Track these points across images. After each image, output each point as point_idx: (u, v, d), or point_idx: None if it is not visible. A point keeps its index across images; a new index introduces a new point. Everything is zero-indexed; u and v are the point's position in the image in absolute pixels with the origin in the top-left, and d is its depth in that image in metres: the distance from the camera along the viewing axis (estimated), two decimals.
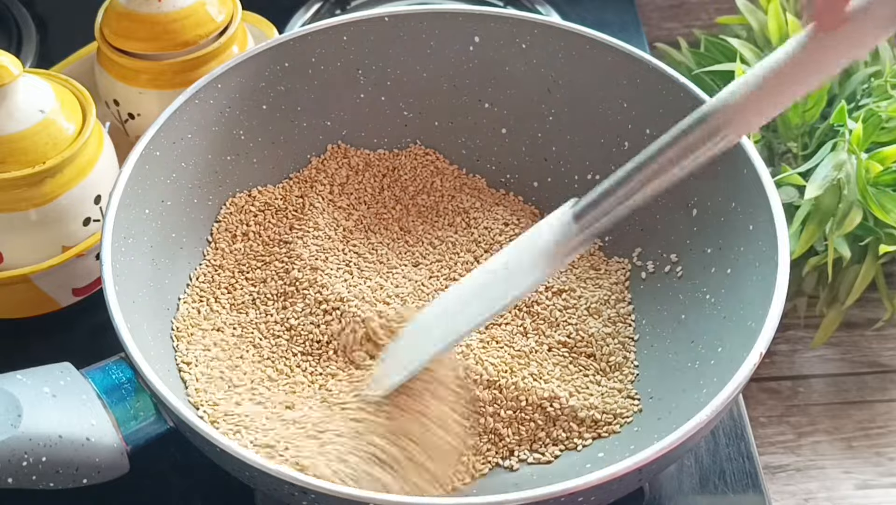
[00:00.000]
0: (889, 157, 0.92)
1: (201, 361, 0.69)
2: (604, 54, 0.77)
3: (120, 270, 0.66)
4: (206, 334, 0.71)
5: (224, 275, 0.75)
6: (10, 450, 0.59)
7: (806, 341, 1.14)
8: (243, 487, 0.63)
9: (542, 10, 1.01)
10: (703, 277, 0.72)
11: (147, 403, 0.64)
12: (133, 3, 0.79)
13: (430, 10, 0.79)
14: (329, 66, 0.79)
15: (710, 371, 0.66)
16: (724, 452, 0.72)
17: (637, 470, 0.57)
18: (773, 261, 0.65)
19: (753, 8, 1.06)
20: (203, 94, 0.74)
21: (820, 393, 1.12)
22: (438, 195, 0.81)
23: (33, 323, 0.76)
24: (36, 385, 0.62)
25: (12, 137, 0.71)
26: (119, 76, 0.81)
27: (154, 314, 0.69)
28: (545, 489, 0.56)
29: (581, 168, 0.79)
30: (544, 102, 0.80)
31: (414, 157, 0.82)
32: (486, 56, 0.80)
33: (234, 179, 0.77)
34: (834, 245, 0.94)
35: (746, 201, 0.69)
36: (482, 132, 0.82)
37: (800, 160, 0.99)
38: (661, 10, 1.35)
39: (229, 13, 0.82)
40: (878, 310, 1.10)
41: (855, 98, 0.99)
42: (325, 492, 0.57)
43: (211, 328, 0.72)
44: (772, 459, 1.07)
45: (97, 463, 0.61)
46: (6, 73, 0.70)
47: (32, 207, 0.72)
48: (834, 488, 1.06)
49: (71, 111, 0.73)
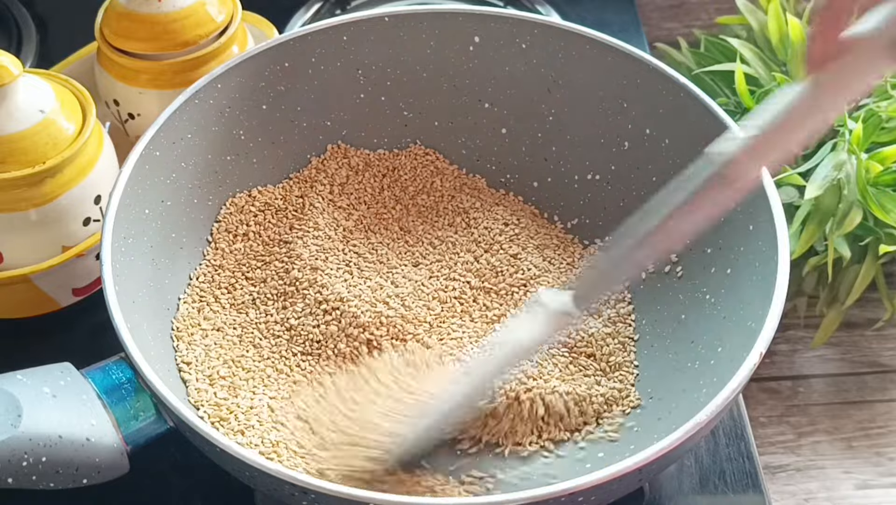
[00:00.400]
0: (889, 157, 0.92)
1: (201, 360, 0.69)
2: (604, 54, 0.77)
3: (120, 270, 0.66)
4: (206, 334, 0.71)
5: (224, 275, 0.75)
6: (10, 450, 0.59)
7: (806, 341, 1.14)
8: (243, 487, 0.63)
9: (542, 10, 1.01)
10: (703, 277, 0.72)
11: (147, 403, 0.64)
12: (133, 3, 0.79)
13: (430, 10, 0.79)
14: (329, 66, 0.79)
15: (710, 371, 0.66)
16: (724, 452, 0.72)
17: (637, 470, 0.57)
18: (773, 261, 0.65)
19: (753, 8, 1.06)
20: (203, 94, 0.74)
21: (820, 393, 1.12)
22: (438, 195, 0.81)
23: (33, 323, 0.76)
24: (36, 385, 0.62)
25: (12, 137, 0.71)
26: (119, 76, 0.81)
27: (154, 314, 0.69)
28: (545, 489, 0.56)
29: (581, 168, 0.79)
30: (544, 102, 0.80)
31: (414, 157, 0.82)
32: (486, 56, 0.80)
33: (234, 179, 0.77)
34: (834, 245, 0.94)
35: (746, 201, 0.69)
36: (482, 132, 0.82)
37: (800, 160, 0.99)
38: (661, 10, 1.34)
39: (229, 13, 0.82)
40: (878, 310, 1.10)
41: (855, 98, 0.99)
42: (325, 492, 0.57)
43: (211, 328, 0.72)
44: (772, 459, 1.07)
45: (97, 463, 0.61)
46: (6, 73, 0.70)
47: (32, 207, 0.72)
48: (834, 488, 1.06)
49: (71, 111, 0.73)
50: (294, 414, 0.67)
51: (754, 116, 0.56)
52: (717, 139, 0.58)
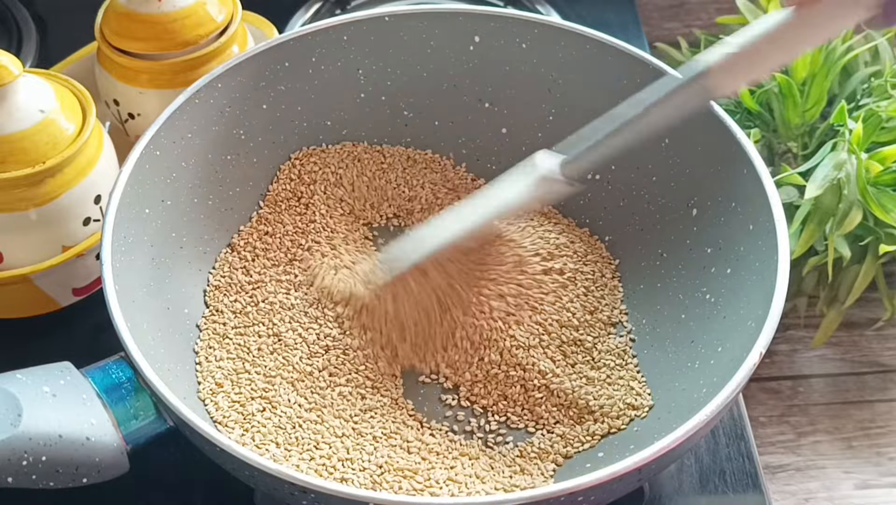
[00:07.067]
0: (889, 157, 0.92)
1: (211, 359, 0.70)
2: (604, 54, 0.77)
3: (120, 269, 0.66)
4: (223, 338, 0.71)
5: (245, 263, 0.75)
6: (10, 449, 0.59)
7: (806, 341, 1.14)
8: (243, 487, 0.63)
9: (542, 10, 1.01)
10: (703, 277, 0.72)
11: (147, 402, 0.64)
12: (133, 2, 0.79)
13: (430, 10, 0.79)
14: (329, 66, 0.79)
15: (710, 371, 0.66)
16: (724, 452, 0.72)
17: (637, 470, 0.57)
18: (773, 261, 0.65)
19: (753, 8, 1.06)
20: (203, 94, 0.74)
21: (820, 393, 1.12)
22: (438, 195, 0.81)
23: (33, 323, 0.76)
24: (36, 384, 0.62)
25: (12, 137, 0.71)
26: (119, 76, 0.81)
27: (154, 314, 0.69)
28: (545, 489, 0.57)
29: None
30: (544, 102, 0.80)
31: (414, 157, 0.82)
32: (486, 56, 0.80)
33: (235, 179, 0.77)
34: (834, 245, 0.94)
35: (746, 201, 0.69)
36: (482, 132, 0.82)
37: (800, 160, 0.99)
38: (661, 10, 1.34)
39: (229, 13, 0.82)
40: (878, 310, 1.10)
41: (855, 98, 0.99)
42: (326, 492, 0.57)
43: (222, 332, 0.72)
44: (772, 459, 1.07)
45: (97, 462, 0.61)
46: (6, 73, 0.70)
47: (32, 207, 0.72)
48: (834, 488, 1.06)
49: (71, 111, 0.73)
50: None
51: (736, 35, 0.61)
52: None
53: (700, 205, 0.73)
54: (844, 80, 1.01)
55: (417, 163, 0.82)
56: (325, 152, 0.80)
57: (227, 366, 0.70)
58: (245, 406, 0.68)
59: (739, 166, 0.69)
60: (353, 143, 0.81)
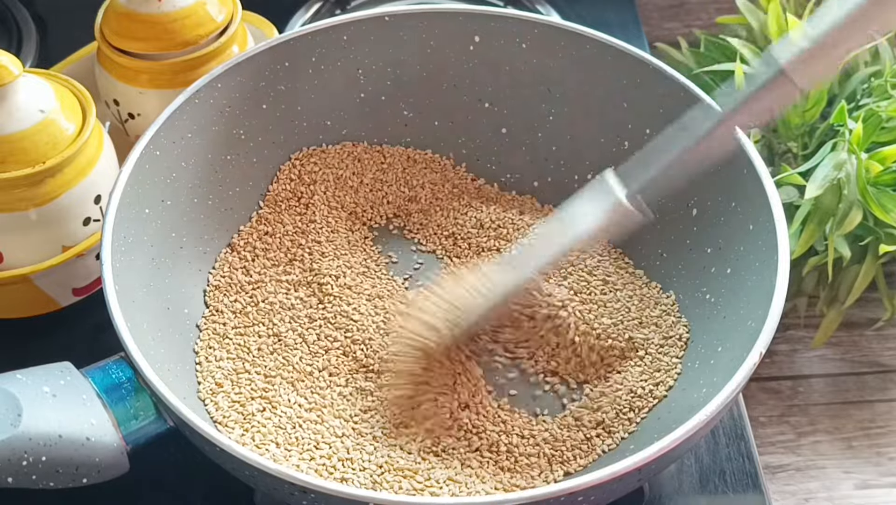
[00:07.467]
0: (889, 157, 0.92)
1: (211, 359, 0.70)
2: (604, 54, 0.77)
3: (120, 269, 0.66)
4: (223, 338, 0.71)
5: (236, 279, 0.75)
6: (10, 449, 0.59)
7: (806, 341, 1.14)
8: (243, 487, 0.63)
9: (542, 10, 1.01)
10: (703, 277, 0.72)
11: (147, 402, 0.64)
12: (133, 2, 0.79)
13: (430, 10, 0.79)
14: (329, 66, 0.79)
15: (710, 371, 0.66)
16: (724, 452, 0.72)
17: (637, 470, 0.57)
18: (773, 261, 0.65)
19: (753, 8, 1.06)
20: (203, 94, 0.74)
21: (820, 393, 1.12)
22: (438, 195, 0.81)
23: (33, 323, 0.76)
24: (36, 385, 0.62)
25: (12, 137, 0.71)
26: (119, 76, 0.81)
27: (154, 314, 0.69)
28: (545, 489, 0.57)
29: (581, 168, 0.79)
30: (544, 102, 0.80)
31: (414, 157, 0.82)
32: (486, 56, 0.80)
33: (235, 179, 0.77)
34: (834, 245, 0.94)
35: (746, 201, 0.69)
36: (482, 132, 0.82)
37: (800, 160, 0.98)
38: (661, 10, 1.34)
39: (229, 13, 0.82)
40: (878, 310, 1.10)
41: (855, 98, 0.99)
42: (326, 492, 0.57)
43: (222, 331, 0.72)
44: (772, 459, 1.07)
45: (97, 462, 0.61)
46: (6, 73, 0.70)
47: (32, 207, 0.72)
48: (834, 488, 1.06)
49: (71, 111, 0.73)
50: None
51: (812, 23, 0.59)
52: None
53: (700, 205, 0.73)
54: (844, 81, 1.01)
55: (417, 163, 0.82)
56: (325, 152, 0.80)
57: (227, 366, 0.70)
58: (245, 406, 0.68)
59: (739, 166, 0.69)
60: (353, 143, 0.82)
